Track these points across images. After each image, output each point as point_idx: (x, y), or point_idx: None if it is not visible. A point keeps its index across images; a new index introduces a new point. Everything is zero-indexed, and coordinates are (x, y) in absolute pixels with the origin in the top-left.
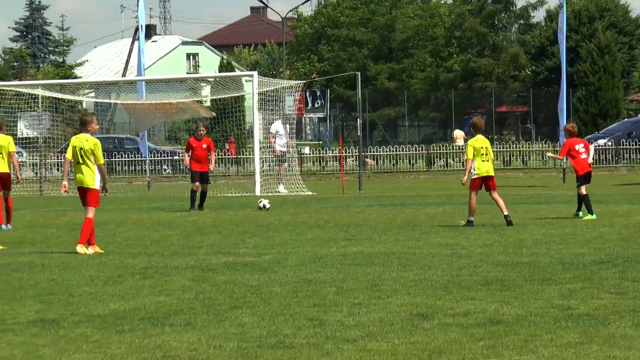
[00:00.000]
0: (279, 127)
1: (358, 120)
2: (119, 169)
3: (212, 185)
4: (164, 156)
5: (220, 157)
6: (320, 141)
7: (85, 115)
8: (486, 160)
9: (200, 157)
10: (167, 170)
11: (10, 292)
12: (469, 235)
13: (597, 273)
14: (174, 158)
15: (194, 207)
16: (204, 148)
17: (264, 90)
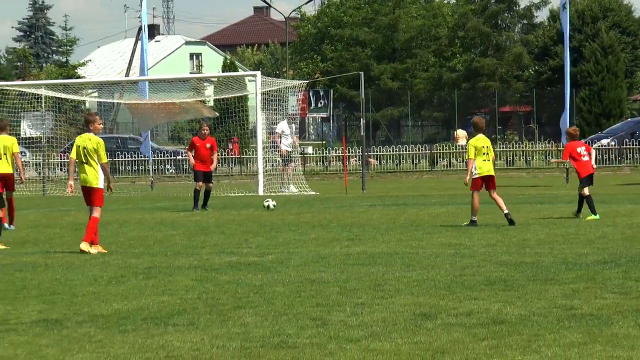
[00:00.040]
0: (285, 127)
1: (361, 120)
2: (122, 168)
3: (216, 185)
4: (167, 156)
5: (223, 157)
6: (323, 141)
7: (89, 115)
8: (487, 159)
9: (204, 157)
10: (170, 170)
11: (13, 292)
12: (472, 235)
13: (600, 273)
14: (177, 158)
15: (197, 207)
16: (207, 148)
17: (267, 90)
